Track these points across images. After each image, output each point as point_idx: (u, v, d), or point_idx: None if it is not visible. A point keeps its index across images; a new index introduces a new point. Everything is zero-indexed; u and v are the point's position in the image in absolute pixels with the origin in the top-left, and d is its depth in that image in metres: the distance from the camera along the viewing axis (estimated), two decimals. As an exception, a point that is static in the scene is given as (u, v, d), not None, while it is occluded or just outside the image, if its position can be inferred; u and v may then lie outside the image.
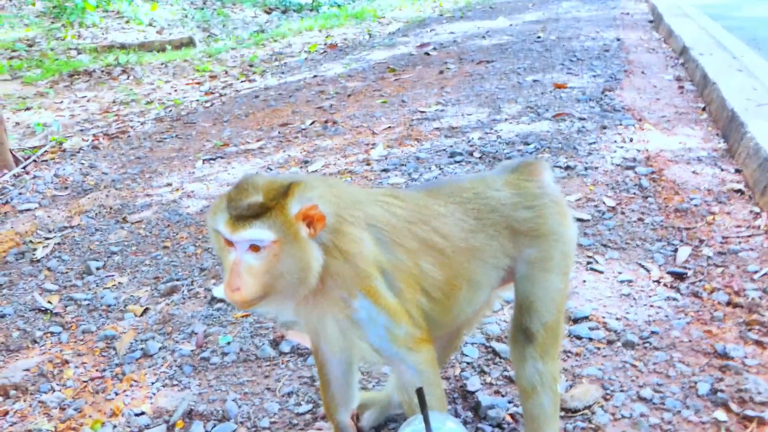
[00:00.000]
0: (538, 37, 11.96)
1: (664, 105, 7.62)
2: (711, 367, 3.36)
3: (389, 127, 7.58)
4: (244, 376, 3.53)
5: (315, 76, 11.01)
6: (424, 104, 8.30)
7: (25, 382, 3.66)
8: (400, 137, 7.15)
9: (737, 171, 5.68)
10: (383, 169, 6.25)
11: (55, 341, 4.08)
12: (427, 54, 11.57)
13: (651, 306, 3.88)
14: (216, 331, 3.95)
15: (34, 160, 7.81)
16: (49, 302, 4.51)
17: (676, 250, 4.47)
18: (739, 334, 3.60)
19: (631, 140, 6.46)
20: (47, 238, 5.57)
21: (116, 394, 3.50)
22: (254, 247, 2.19)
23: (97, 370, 3.76)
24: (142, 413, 3.32)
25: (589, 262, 4.35)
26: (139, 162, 7.45)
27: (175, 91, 11.62)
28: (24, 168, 7.51)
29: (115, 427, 3.23)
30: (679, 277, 4.16)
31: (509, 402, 3.17)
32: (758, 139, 5.65)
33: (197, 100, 10.62)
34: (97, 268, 4.98)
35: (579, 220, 4.80)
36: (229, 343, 3.80)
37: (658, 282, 4.12)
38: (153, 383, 3.55)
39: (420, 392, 2.18)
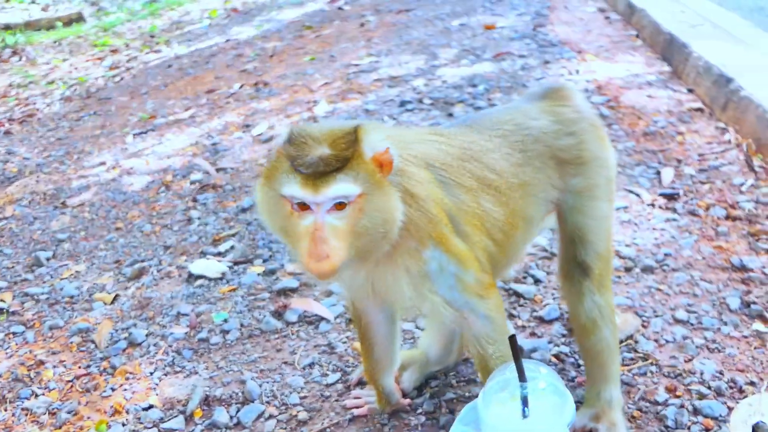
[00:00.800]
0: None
1: (597, 36, 7.61)
2: (734, 281, 3.32)
3: (326, 83, 7.26)
4: (254, 352, 3.24)
5: (227, 41, 10.49)
6: (355, 57, 8.00)
7: (0, 390, 3.26)
8: (341, 91, 6.86)
9: (690, 90, 5.71)
10: (334, 124, 5.96)
11: (21, 342, 3.65)
12: (341, 9, 11.21)
13: (654, 229, 3.82)
14: (206, 309, 3.63)
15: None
16: (1, 300, 4.05)
17: (658, 173, 4.43)
18: (749, 246, 3.58)
19: (578, 72, 6.41)
20: (-21, 235, 5.03)
21: (113, 389, 3.15)
22: (339, 206, 1.90)
23: (80, 367, 3.38)
24: (151, 407, 2.99)
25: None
26: (62, 143, 6.86)
27: (76, 69, 10.83)
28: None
29: (124, 425, 2.90)
30: (671, 197, 4.12)
31: (549, 342, 3.04)
32: (707, 57, 5.68)
33: (103, 76, 9.93)
34: (47, 259, 4.52)
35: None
36: (226, 320, 3.50)
37: (653, 205, 4.07)
38: (152, 373, 3.22)
39: (513, 339, 1.99)
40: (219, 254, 4.20)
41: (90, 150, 6.51)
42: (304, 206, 1.92)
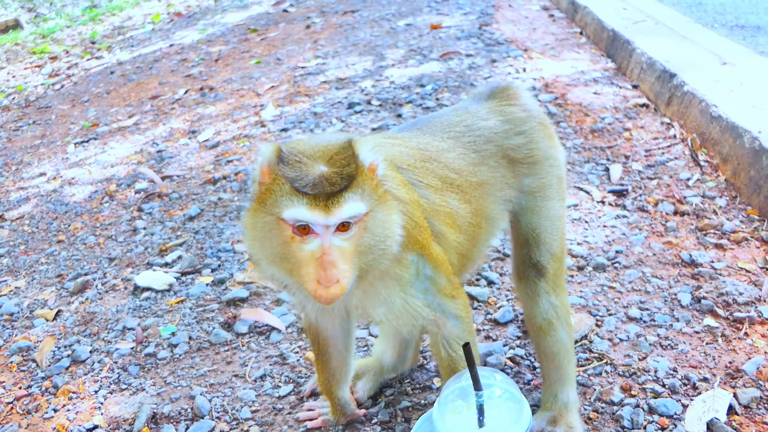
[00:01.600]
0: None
1: (543, 34, 7.65)
2: (684, 277, 3.34)
3: (273, 86, 7.15)
4: (204, 366, 3.14)
5: (171, 45, 10.28)
6: (302, 60, 7.91)
7: (-65, 417, 3.10)
8: (289, 95, 6.76)
9: (634, 87, 5.77)
10: (281, 128, 5.87)
11: (-44, 363, 3.49)
12: (286, 11, 11.09)
13: (605, 226, 3.83)
14: (153, 322, 3.51)
15: None
16: (-64, 322, 3.87)
17: (607, 169, 4.45)
18: (697, 241, 3.60)
19: (524, 70, 6.42)
20: None
21: (55, 410, 3.01)
22: (343, 226, 1.81)
23: (20, 388, 3.23)
24: (95, 427, 2.86)
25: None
26: (-1, 155, 6.64)
27: (13, 77, 10.51)
28: None
29: (68, 449, 2.78)
30: (621, 194, 4.14)
31: (504, 345, 3.00)
32: (650, 53, 5.75)
33: (42, 84, 9.66)
34: (-15, 276, 4.34)
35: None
36: (173, 334, 3.39)
37: (603, 202, 4.08)
38: (97, 391, 3.09)
39: (467, 348, 1.94)
40: (166, 265, 4.08)
41: (29, 161, 6.30)
42: (304, 230, 1.80)
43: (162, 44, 10.57)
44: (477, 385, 1.95)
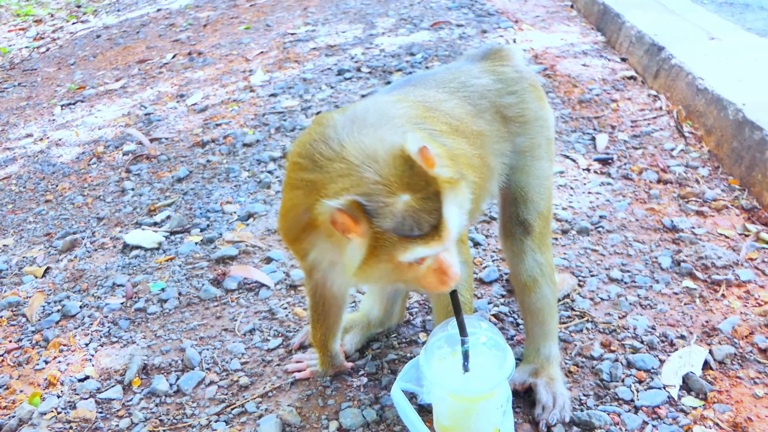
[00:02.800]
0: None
1: (534, 6, 7.67)
2: (665, 242, 3.42)
3: (262, 52, 7.14)
4: (193, 320, 3.19)
5: (159, 10, 10.21)
6: (292, 26, 7.89)
7: (-73, 368, 3.13)
8: (278, 61, 6.75)
9: (623, 60, 5.82)
10: (271, 93, 5.88)
11: (-54, 317, 3.52)
12: (276, -23, 11.00)
13: (589, 193, 3.89)
14: (143, 279, 3.55)
15: None
16: (-75, 277, 3.88)
17: (593, 139, 4.51)
18: (679, 208, 3.68)
19: (515, 41, 6.46)
20: None
21: (46, 362, 3.06)
22: None
23: (10, 341, 3.26)
24: (87, 377, 2.91)
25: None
26: (-15, 116, 6.60)
27: (-2, 39, 10.40)
28: None
29: (59, 397, 2.81)
30: (606, 162, 4.20)
31: (489, 303, 3.07)
32: (639, 27, 5.80)
33: (27, 47, 9.56)
34: (-27, 234, 4.35)
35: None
36: (163, 290, 3.43)
37: (588, 170, 4.14)
38: (87, 344, 3.13)
39: (454, 296, 2.01)
40: (155, 224, 4.11)
41: (15, 122, 6.28)
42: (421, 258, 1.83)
43: (149, 9, 10.49)
44: (463, 332, 2.02)
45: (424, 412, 2.33)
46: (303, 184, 1.99)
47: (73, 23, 10.77)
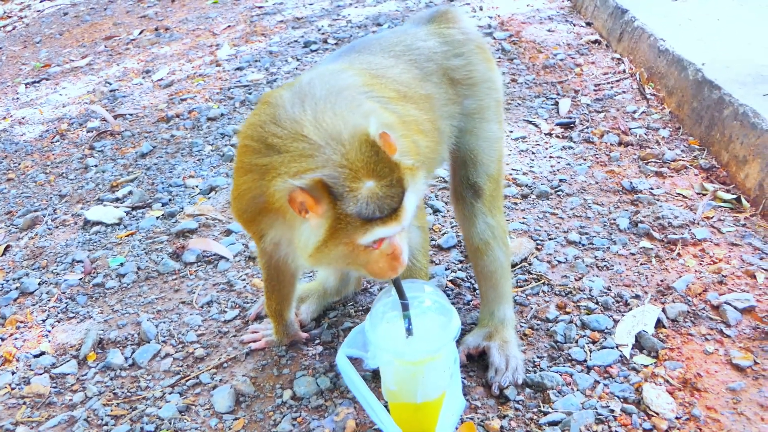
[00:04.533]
0: None
1: (501, -27, 7.61)
2: (624, 203, 3.43)
3: (229, 26, 7.06)
4: (151, 294, 3.17)
5: (126, -14, 10.04)
6: (260, 0, 7.80)
7: None
8: (245, 34, 6.68)
9: (588, 24, 5.80)
10: (237, 67, 5.82)
11: None
12: (244, -50, 10.85)
13: (551, 157, 3.89)
14: (102, 254, 3.53)
15: None
16: None
17: (556, 104, 4.50)
18: (639, 169, 3.69)
19: (481, 8, 6.41)
20: None
21: (2, 339, 3.03)
22: None
23: (-32, 320, 3.25)
24: (42, 353, 2.89)
25: (478, 127, 4.28)
26: (-53, 96, 6.49)
27: (-37, 19, 10.22)
28: None
29: (13, 373, 2.79)
30: (568, 126, 4.20)
31: (446, 269, 3.07)
32: (604, -10, 5.76)
33: (-7, 27, 9.40)
34: (-68, 215, 4.30)
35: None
36: (122, 264, 3.40)
37: (550, 134, 4.13)
38: (44, 321, 3.11)
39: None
40: (117, 200, 4.07)
41: (-22, 101, 6.18)
42: (379, 240, 1.83)
43: (117, -15, 10.31)
44: (402, 296, 2.01)
45: (377, 378, 2.33)
46: (256, 168, 1.96)
47: (41, 1, 10.58)
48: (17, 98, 6.10)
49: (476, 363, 2.53)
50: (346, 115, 1.90)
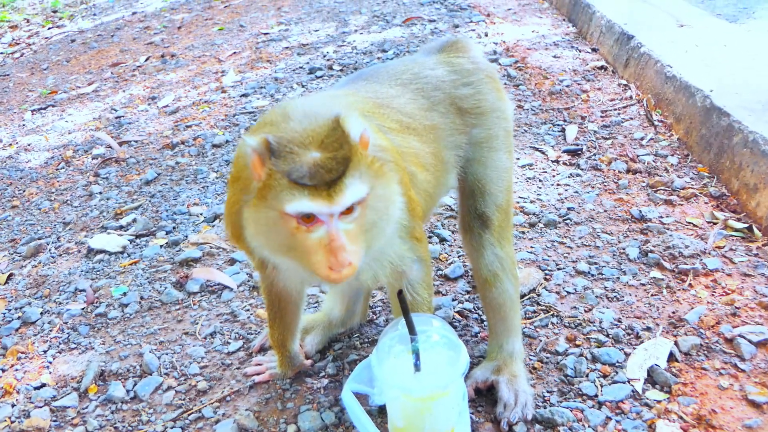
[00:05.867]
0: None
1: (506, -1, 7.64)
2: (633, 232, 3.38)
3: (235, 52, 7.07)
4: (154, 324, 3.13)
5: (134, 14, 10.12)
6: (266, 26, 7.83)
7: None
8: (250, 61, 6.69)
9: (594, 50, 5.79)
10: (242, 94, 5.82)
11: None
12: (251, -23, 10.93)
13: (558, 185, 3.85)
14: (105, 283, 3.49)
15: None
16: None
17: (563, 130, 4.47)
18: (647, 197, 3.64)
19: (486, 35, 6.41)
20: None
21: (3, 370, 2.98)
22: (347, 210, 1.76)
23: (-31, 351, 3.20)
24: (43, 385, 2.84)
25: (485, 154, 4.26)
26: (-46, 123, 6.50)
27: (-29, 46, 10.28)
28: None
29: (13, 405, 2.74)
30: (575, 153, 4.16)
31: (453, 300, 3.03)
32: (609, 16, 5.76)
33: (1, 53, 9.45)
34: (-64, 243, 4.27)
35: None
36: (125, 294, 3.36)
37: (557, 162, 4.10)
38: (46, 351, 3.07)
39: (401, 295, 1.96)
40: (121, 228, 4.04)
41: (-16, 128, 6.19)
42: (309, 219, 1.75)
43: (125, 12, 10.40)
44: (411, 331, 1.97)
45: (383, 414, 2.28)
46: (242, 177, 1.95)
47: (49, 28, 10.67)
48: (23, 125, 6.10)
49: (484, 397, 2.47)
50: (334, 107, 1.89)
